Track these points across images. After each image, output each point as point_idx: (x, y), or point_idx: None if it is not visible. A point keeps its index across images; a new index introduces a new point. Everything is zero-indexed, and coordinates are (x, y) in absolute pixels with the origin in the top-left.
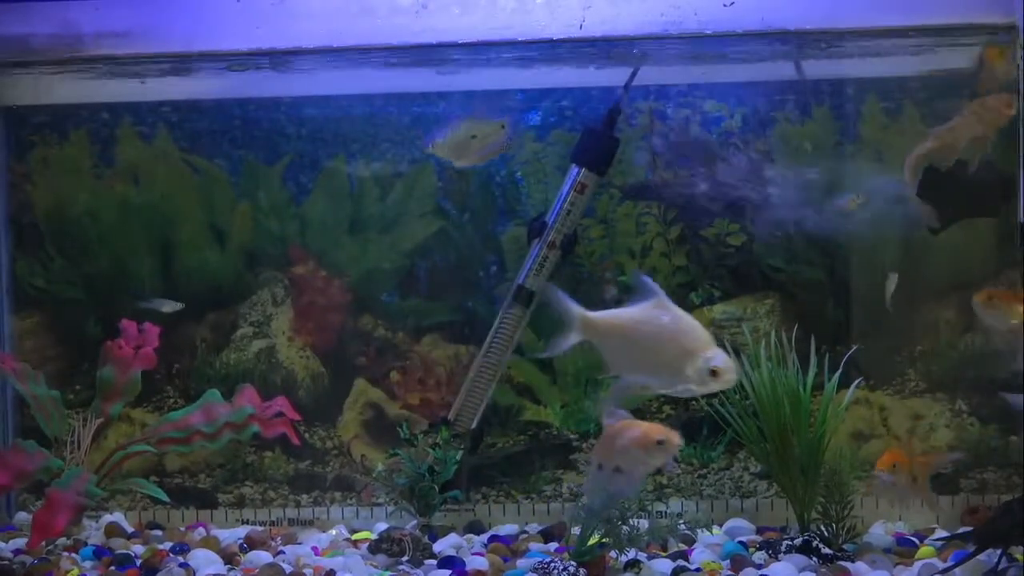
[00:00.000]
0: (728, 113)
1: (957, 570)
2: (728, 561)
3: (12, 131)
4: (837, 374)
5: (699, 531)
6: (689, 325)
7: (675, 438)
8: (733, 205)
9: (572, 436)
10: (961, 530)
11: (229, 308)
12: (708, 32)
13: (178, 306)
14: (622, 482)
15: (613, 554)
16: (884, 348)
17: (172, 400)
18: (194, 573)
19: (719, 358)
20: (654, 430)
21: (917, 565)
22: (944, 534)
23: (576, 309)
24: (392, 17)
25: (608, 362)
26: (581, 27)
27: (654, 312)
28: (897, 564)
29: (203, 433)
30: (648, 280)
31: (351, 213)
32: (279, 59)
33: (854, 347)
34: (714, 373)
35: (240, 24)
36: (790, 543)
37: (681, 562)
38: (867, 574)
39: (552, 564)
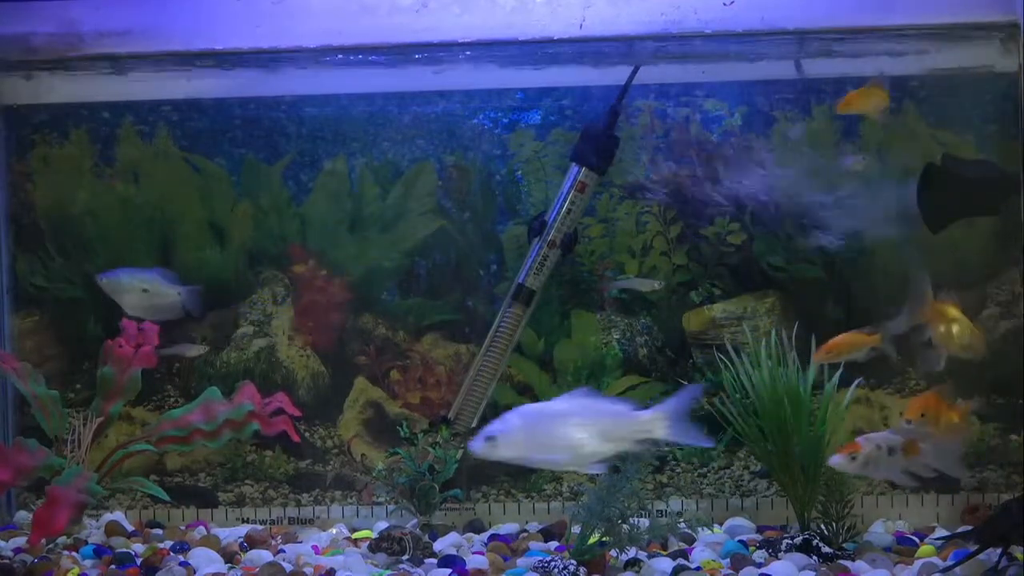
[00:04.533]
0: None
1: (957, 569)
2: (728, 560)
3: (13, 130)
4: (838, 373)
5: (699, 530)
6: None
7: None
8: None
9: None
10: (961, 529)
11: (229, 307)
12: (708, 31)
13: (203, 349)
14: None
15: (613, 553)
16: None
17: (173, 399)
18: (194, 572)
19: None
20: None
21: (917, 564)
22: (944, 533)
23: None
24: (392, 16)
25: None
26: (581, 26)
27: None
28: (897, 563)
29: (203, 431)
30: None
31: (351, 212)
32: (280, 58)
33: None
34: None
35: (240, 23)
36: (790, 542)
37: (681, 561)
38: (867, 573)
39: (552, 563)
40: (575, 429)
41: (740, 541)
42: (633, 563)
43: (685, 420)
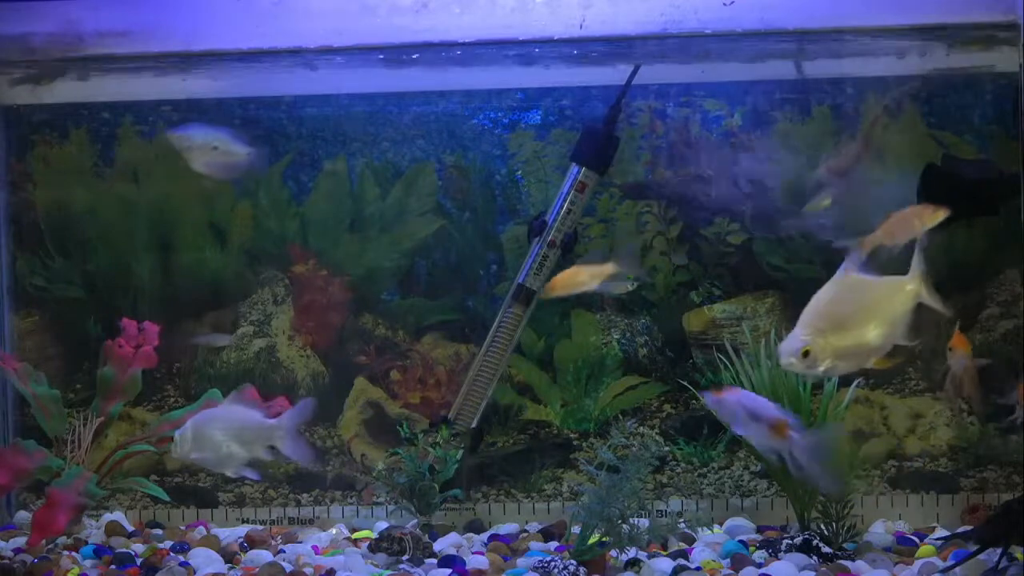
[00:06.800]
0: None
1: (957, 569)
2: (728, 560)
3: (12, 130)
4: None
5: (699, 530)
6: None
7: None
8: None
9: (572, 435)
10: (961, 529)
11: (229, 307)
12: (708, 31)
13: (228, 339)
14: None
15: (614, 553)
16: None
17: (172, 399)
18: (194, 572)
19: None
20: None
21: (917, 564)
22: (944, 533)
23: None
24: (392, 16)
25: None
26: (581, 27)
27: None
28: (897, 563)
29: None
30: None
31: (351, 212)
32: (279, 58)
33: None
34: None
35: (240, 23)
36: (790, 542)
37: (681, 561)
38: (867, 573)
39: (552, 563)
40: (220, 433)
41: (740, 541)
42: (633, 563)
43: (296, 434)
